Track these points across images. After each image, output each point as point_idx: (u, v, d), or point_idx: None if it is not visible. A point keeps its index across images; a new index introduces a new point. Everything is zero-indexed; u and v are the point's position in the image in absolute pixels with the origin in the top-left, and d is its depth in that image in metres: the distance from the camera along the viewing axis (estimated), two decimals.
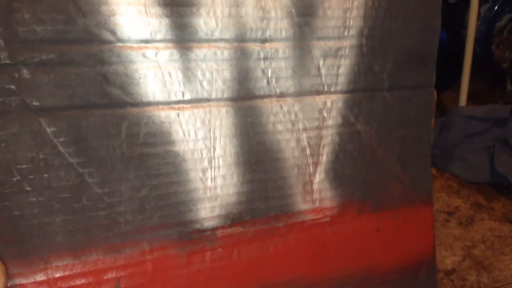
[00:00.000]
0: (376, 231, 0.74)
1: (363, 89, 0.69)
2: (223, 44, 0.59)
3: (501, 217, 1.57)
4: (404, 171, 0.75)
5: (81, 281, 0.55)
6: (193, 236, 0.61)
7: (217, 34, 0.59)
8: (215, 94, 0.60)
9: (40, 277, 0.53)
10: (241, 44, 0.60)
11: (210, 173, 0.61)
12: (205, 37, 0.58)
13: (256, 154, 0.64)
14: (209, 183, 0.61)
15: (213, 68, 0.59)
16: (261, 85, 0.63)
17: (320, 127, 0.67)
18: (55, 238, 0.54)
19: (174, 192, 0.59)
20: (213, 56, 0.59)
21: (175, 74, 0.57)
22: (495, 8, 2.30)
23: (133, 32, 0.54)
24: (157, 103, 0.57)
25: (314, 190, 0.69)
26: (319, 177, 0.69)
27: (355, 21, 0.67)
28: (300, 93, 0.65)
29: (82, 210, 0.55)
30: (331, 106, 0.68)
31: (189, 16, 0.57)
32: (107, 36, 0.53)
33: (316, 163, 0.68)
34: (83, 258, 0.55)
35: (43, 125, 0.52)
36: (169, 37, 0.56)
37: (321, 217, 0.70)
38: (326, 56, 0.66)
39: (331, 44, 0.66)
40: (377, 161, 0.73)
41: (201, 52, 0.58)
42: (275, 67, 0.63)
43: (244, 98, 0.62)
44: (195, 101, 0.59)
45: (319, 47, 0.65)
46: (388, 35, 0.69)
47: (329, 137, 0.68)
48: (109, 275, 0.56)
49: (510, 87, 2.38)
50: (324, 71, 0.66)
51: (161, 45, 0.56)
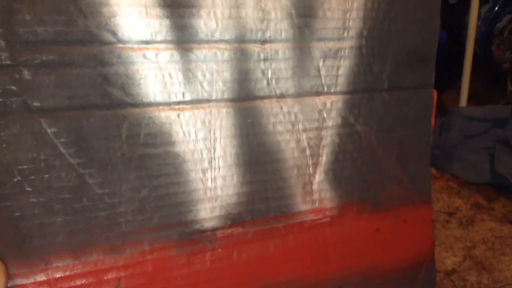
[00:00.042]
0: (375, 231, 0.74)
1: (363, 90, 0.70)
2: (223, 45, 0.59)
3: (501, 218, 1.57)
4: (403, 171, 0.75)
5: (82, 281, 0.55)
6: (193, 236, 0.61)
7: (217, 35, 0.59)
8: (215, 95, 0.60)
9: (40, 277, 0.53)
10: (241, 45, 0.60)
11: (210, 174, 0.61)
12: (205, 38, 0.58)
13: (256, 155, 0.64)
14: (209, 183, 0.61)
15: (213, 69, 0.59)
16: (261, 86, 0.63)
17: (319, 127, 0.67)
18: (55, 238, 0.54)
19: (175, 192, 0.59)
20: (213, 57, 0.59)
21: (175, 75, 0.57)
22: (495, 9, 2.30)
23: (133, 33, 0.54)
24: (157, 104, 0.57)
25: (314, 190, 0.69)
26: (319, 178, 0.69)
27: (354, 22, 0.67)
28: (300, 94, 0.65)
29: (82, 210, 0.55)
30: (330, 107, 0.68)
31: (190, 17, 0.57)
32: (108, 37, 0.53)
33: (316, 164, 0.68)
34: (83, 259, 0.55)
35: (44, 125, 0.52)
36: (170, 38, 0.56)
37: (321, 218, 0.70)
38: (326, 57, 0.66)
39: (331, 45, 0.66)
40: (377, 162, 0.73)
41: (201, 53, 0.58)
42: (275, 68, 0.63)
43: (244, 99, 0.62)
44: (195, 102, 0.59)
45: (319, 48, 0.65)
46: (388, 36, 0.70)
47: (328, 137, 0.68)
48: (109, 275, 0.56)
49: (511, 88, 2.38)
50: (323, 72, 0.66)
51: (161, 46, 0.56)
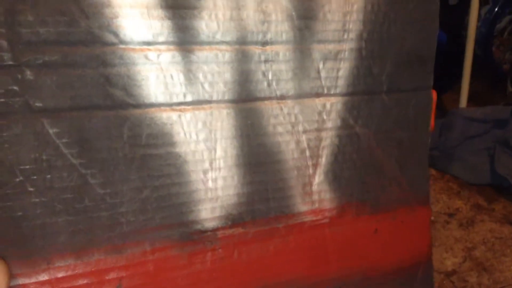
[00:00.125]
0: (374, 233, 0.74)
1: (362, 91, 0.70)
2: (224, 47, 0.60)
3: (501, 219, 1.57)
4: (402, 173, 0.75)
5: (83, 281, 0.55)
6: (194, 236, 0.61)
7: (219, 37, 0.59)
8: (216, 96, 0.60)
9: (42, 277, 0.53)
10: (242, 47, 0.61)
11: (211, 175, 0.61)
12: (206, 39, 0.58)
13: (257, 155, 0.64)
14: (210, 184, 0.62)
15: (215, 70, 0.60)
16: (262, 87, 0.63)
17: (319, 129, 0.68)
18: (57, 238, 0.54)
19: (176, 193, 0.60)
20: (215, 59, 0.59)
21: (176, 76, 0.58)
22: (495, 10, 2.30)
23: (135, 34, 0.55)
24: (159, 105, 0.57)
25: (314, 191, 0.69)
26: (319, 179, 0.69)
27: (354, 24, 0.67)
28: (300, 96, 0.66)
29: (84, 210, 0.55)
30: (330, 108, 0.68)
31: (191, 19, 0.57)
32: (110, 38, 0.54)
33: (315, 165, 0.68)
34: (85, 259, 0.55)
35: (46, 126, 0.52)
36: (171, 39, 0.57)
37: (320, 218, 0.70)
38: (326, 59, 0.66)
39: (331, 47, 0.66)
40: (376, 163, 0.73)
41: (202, 54, 0.59)
42: (275, 69, 0.63)
43: (245, 100, 0.62)
44: (196, 103, 0.59)
45: (319, 50, 0.66)
46: (387, 38, 0.70)
47: (328, 139, 0.68)
48: (111, 275, 0.57)
49: (511, 89, 2.38)
50: (324, 74, 0.67)
51: (163, 47, 0.56)
